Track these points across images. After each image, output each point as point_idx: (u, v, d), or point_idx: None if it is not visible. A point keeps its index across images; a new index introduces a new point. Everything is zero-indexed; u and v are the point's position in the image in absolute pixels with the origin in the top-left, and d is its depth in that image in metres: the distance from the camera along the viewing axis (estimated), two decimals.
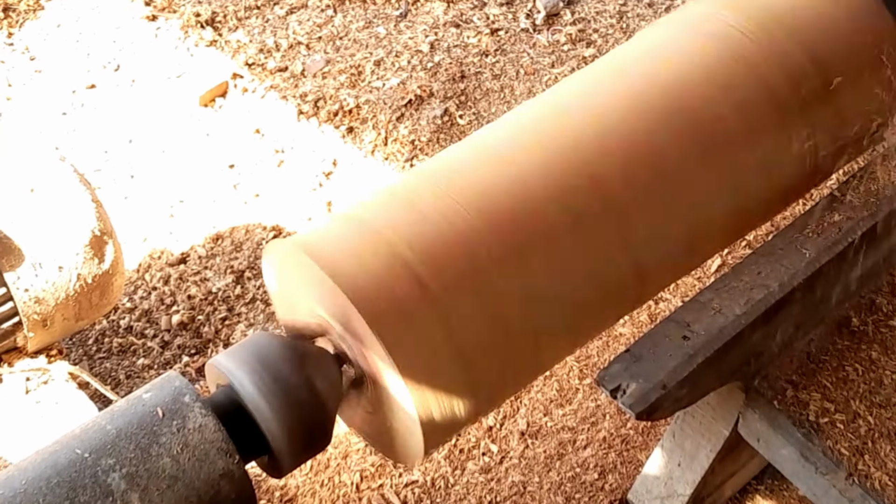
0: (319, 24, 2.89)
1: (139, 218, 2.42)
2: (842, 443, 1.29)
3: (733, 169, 1.12)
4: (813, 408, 1.32)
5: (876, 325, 1.41)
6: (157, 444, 0.92)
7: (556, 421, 1.82)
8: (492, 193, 1.03)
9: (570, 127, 1.10)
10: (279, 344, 1.00)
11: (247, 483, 0.95)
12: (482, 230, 1.01)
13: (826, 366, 1.36)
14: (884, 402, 1.33)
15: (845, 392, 1.34)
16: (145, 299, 2.24)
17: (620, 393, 1.12)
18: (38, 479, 0.89)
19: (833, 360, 1.37)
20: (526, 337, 1.03)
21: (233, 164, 2.55)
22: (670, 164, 1.09)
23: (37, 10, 3.01)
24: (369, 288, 0.95)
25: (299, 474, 1.75)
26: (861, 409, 1.33)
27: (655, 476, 1.60)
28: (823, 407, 1.32)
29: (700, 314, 1.19)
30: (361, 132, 2.57)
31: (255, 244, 2.34)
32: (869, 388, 1.34)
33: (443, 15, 2.88)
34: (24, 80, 2.80)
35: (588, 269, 1.06)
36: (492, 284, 1.00)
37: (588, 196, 1.05)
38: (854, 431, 1.31)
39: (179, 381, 0.97)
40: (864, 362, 1.37)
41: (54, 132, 2.64)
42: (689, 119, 1.11)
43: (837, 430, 1.30)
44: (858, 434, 1.30)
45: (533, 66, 2.72)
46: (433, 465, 1.77)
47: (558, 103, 1.15)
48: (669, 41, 1.18)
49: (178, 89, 2.75)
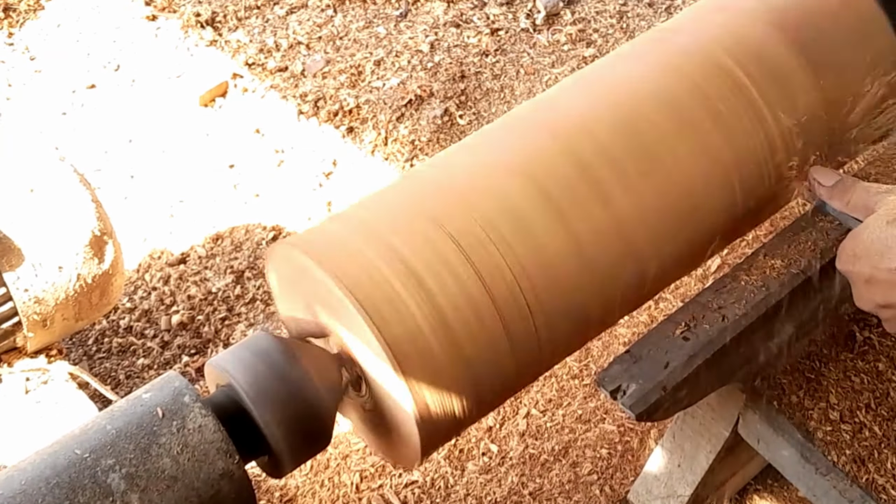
0: (319, 24, 2.89)
1: (139, 218, 2.42)
2: (846, 452, 1.29)
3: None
4: (816, 415, 1.32)
5: (881, 338, 1.41)
6: (157, 445, 0.92)
7: (556, 421, 1.82)
8: (491, 192, 1.03)
9: (573, 123, 1.09)
10: (279, 344, 1.00)
11: (247, 483, 0.95)
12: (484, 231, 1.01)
13: (831, 376, 1.36)
14: (891, 414, 1.33)
15: (849, 402, 1.34)
16: (145, 299, 2.24)
17: (620, 394, 1.12)
18: (38, 480, 0.89)
19: (838, 370, 1.37)
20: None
21: (233, 164, 2.55)
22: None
23: (37, 10, 3.01)
24: (369, 288, 0.95)
25: (299, 474, 1.75)
26: (867, 419, 1.33)
27: (655, 476, 1.60)
28: (828, 417, 1.32)
29: (700, 315, 1.19)
30: (361, 132, 2.57)
31: (255, 244, 2.34)
32: (875, 400, 1.34)
33: (443, 15, 2.87)
34: (24, 80, 2.80)
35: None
36: None
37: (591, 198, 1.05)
38: (861, 442, 1.31)
39: (179, 381, 0.97)
40: (870, 373, 1.37)
41: (54, 132, 2.64)
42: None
43: (843, 441, 1.30)
44: (865, 445, 1.30)
45: (533, 65, 2.72)
46: (433, 465, 1.77)
47: (561, 99, 1.15)
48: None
49: (178, 89, 2.75)
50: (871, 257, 1.06)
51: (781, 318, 1.23)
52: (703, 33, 1.18)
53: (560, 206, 1.04)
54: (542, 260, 1.02)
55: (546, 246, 1.03)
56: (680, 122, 1.10)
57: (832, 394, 1.34)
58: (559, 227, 1.03)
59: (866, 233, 1.07)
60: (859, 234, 1.09)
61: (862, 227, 1.09)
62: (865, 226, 1.08)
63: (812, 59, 1.17)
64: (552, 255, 1.03)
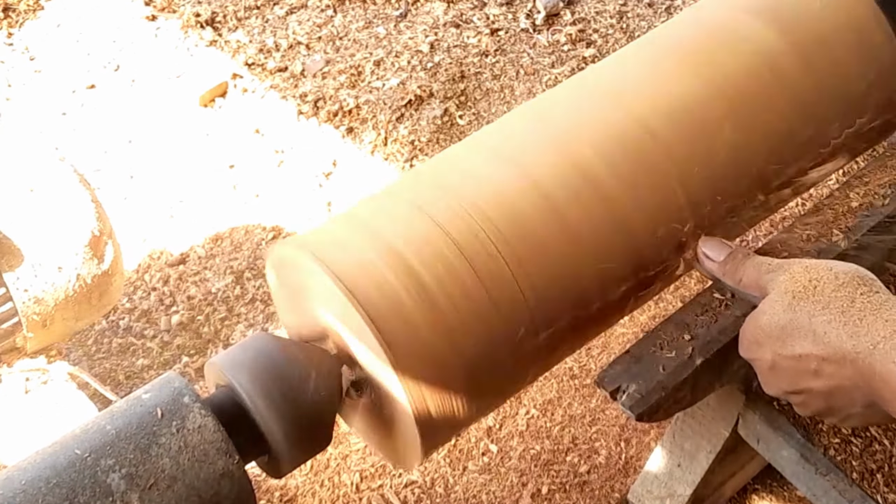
0: (319, 24, 2.89)
1: (139, 218, 2.42)
2: (855, 465, 1.29)
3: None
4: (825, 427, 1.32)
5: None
6: (157, 445, 0.92)
7: (556, 421, 1.82)
8: (493, 192, 1.03)
9: (574, 120, 1.10)
10: (279, 344, 1.00)
11: (246, 483, 0.95)
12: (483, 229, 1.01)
13: None
14: None
15: None
16: (145, 299, 2.24)
17: (620, 394, 1.12)
18: (38, 480, 0.89)
19: None
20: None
21: (232, 165, 2.56)
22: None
23: (37, 10, 3.01)
24: (369, 288, 0.95)
25: (299, 474, 1.75)
26: (877, 432, 1.33)
27: (655, 476, 1.60)
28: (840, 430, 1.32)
29: (700, 315, 1.19)
30: (361, 132, 2.57)
31: (254, 244, 2.34)
32: None
33: (443, 15, 2.88)
34: (24, 80, 2.81)
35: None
36: None
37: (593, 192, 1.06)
38: (871, 456, 1.31)
39: (179, 381, 0.97)
40: None
41: (54, 132, 2.65)
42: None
43: (852, 454, 1.30)
44: (875, 458, 1.30)
45: (533, 66, 2.72)
46: (433, 465, 1.77)
47: (563, 97, 1.15)
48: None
49: (178, 89, 2.76)
50: (773, 344, 1.00)
51: None
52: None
53: (558, 205, 1.04)
54: (543, 259, 1.02)
55: (547, 244, 1.03)
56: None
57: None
58: (558, 225, 1.04)
59: (764, 318, 1.00)
60: (758, 319, 1.02)
61: (759, 312, 1.02)
62: (762, 311, 1.01)
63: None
64: (553, 254, 1.03)
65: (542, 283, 1.02)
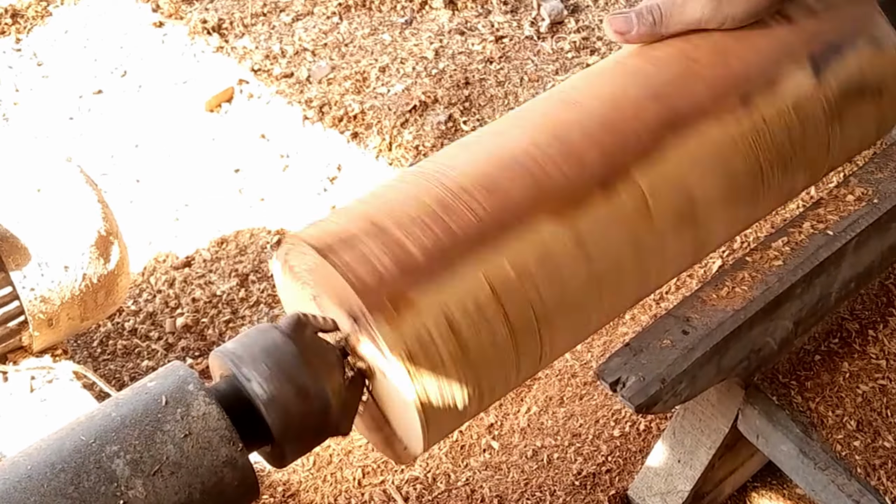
0: (325, 30, 2.91)
1: (144, 222, 2.44)
2: (858, 461, 1.30)
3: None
4: (830, 422, 1.33)
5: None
6: (162, 432, 0.93)
7: (557, 418, 1.83)
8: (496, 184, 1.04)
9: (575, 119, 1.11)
10: (282, 334, 1.01)
11: (249, 471, 0.96)
12: (486, 220, 1.02)
13: (843, 385, 1.37)
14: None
15: (864, 411, 1.35)
16: (150, 302, 2.25)
17: (620, 386, 1.13)
18: (44, 465, 0.90)
19: (851, 378, 1.38)
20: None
21: (238, 169, 2.57)
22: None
23: (45, 17, 3.04)
24: (371, 277, 0.96)
25: (301, 469, 1.76)
26: (882, 428, 1.33)
27: (656, 472, 1.61)
28: (844, 426, 1.33)
29: (699, 309, 1.20)
30: (366, 137, 2.58)
31: (259, 248, 2.36)
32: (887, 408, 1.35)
33: (448, 22, 2.90)
34: (32, 86, 2.83)
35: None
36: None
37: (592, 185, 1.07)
38: (875, 451, 1.31)
39: (184, 370, 0.98)
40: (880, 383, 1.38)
41: (61, 137, 2.66)
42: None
43: (856, 449, 1.31)
44: (878, 454, 1.31)
45: (537, 73, 2.74)
46: (435, 461, 1.78)
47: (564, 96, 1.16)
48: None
49: (185, 95, 2.78)
50: None
51: (780, 313, 1.24)
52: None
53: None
54: (544, 257, 1.03)
55: (547, 243, 1.04)
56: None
57: (847, 401, 1.35)
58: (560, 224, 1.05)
59: None
60: None
61: None
62: None
63: None
64: (554, 252, 1.04)
65: (545, 283, 1.03)
